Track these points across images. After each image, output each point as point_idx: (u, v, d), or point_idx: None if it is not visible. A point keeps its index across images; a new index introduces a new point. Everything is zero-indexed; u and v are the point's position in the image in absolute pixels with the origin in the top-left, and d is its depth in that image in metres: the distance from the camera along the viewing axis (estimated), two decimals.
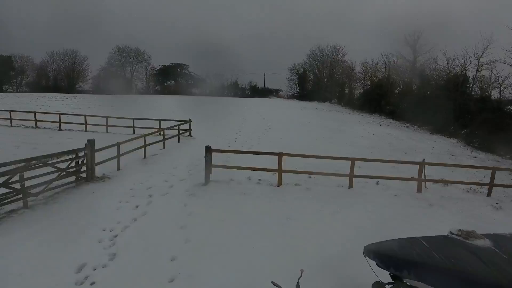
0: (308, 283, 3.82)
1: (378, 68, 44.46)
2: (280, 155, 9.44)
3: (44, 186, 8.15)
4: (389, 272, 3.65)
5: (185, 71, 73.86)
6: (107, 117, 18.82)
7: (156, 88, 72.96)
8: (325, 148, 13.05)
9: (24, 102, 35.27)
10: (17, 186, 7.51)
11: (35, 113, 20.21)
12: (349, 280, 4.48)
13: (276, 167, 9.57)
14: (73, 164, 9.20)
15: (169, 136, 15.66)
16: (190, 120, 18.44)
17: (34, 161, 7.87)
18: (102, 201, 8.23)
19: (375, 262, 3.66)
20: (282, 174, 9.52)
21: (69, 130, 19.36)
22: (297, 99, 59.08)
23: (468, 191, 10.05)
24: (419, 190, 9.46)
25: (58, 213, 7.51)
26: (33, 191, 7.85)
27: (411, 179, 9.60)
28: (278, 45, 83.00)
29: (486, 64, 26.43)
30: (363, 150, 15.48)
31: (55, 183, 8.51)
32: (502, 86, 24.31)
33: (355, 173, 9.55)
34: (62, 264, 5.41)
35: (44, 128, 19.77)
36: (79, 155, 9.36)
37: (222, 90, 71.07)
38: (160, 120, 18.19)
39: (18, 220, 7.18)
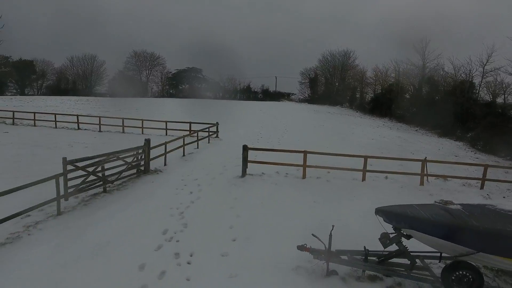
0: (335, 237, 5.71)
1: (388, 73, 46.01)
2: (305, 152, 11.33)
3: (117, 176, 10.22)
4: (392, 225, 5.49)
5: (199, 75, 76.03)
6: (142, 120, 21.00)
7: (171, 91, 75.56)
8: (339, 149, 14.81)
9: (54, 105, 37.93)
10: (99, 175, 9.59)
11: (77, 116, 22.53)
12: (362, 237, 6.28)
13: (300, 163, 11.47)
14: (134, 158, 11.26)
15: (201, 137, 17.69)
16: (217, 123, 20.46)
17: (111, 155, 9.93)
18: (161, 188, 10.25)
19: (382, 218, 5.51)
20: (306, 169, 11.40)
21: (107, 131, 21.58)
22: (308, 103, 60.76)
23: (464, 185, 11.74)
24: (421, 183, 11.20)
25: (130, 197, 9.54)
26: (110, 179, 9.92)
27: (415, 173, 11.35)
28: (289, 49, 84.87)
29: (491, 71, 27.93)
30: (374, 151, 17.08)
31: (124, 174, 10.57)
32: (506, 92, 25.76)
33: (367, 169, 11.36)
34: (150, 230, 7.38)
35: (85, 129, 22.05)
36: (139, 151, 11.41)
37: (235, 94, 73.42)
38: (190, 123, 20.24)
39: (102, 201, 9.23)
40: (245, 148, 11.44)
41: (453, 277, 4.94)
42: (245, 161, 11.42)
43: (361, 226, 6.98)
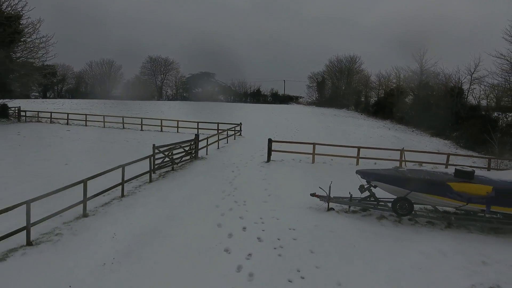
0: (333, 190, 9.68)
1: (390, 78, 49.80)
2: (314, 144, 15.36)
3: (179, 159, 14.36)
4: (365, 180, 9.45)
5: (212, 79, 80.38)
6: (177, 121, 25.21)
7: (184, 94, 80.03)
8: (341, 144, 18.78)
9: (86, 107, 42.55)
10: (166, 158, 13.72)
11: (123, 117, 26.87)
12: (348, 190, 10.19)
13: (310, 152, 15.47)
14: (188, 148, 15.38)
15: (229, 135, 21.81)
16: (241, 123, 24.58)
17: (176, 145, 14.07)
18: (211, 169, 14.33)
19: (360, 176, 9.48)
20: (315, 156, 15.40)
21: (147, 130, 25.82)
22: (316, 106, 64.64)
23: (432, 168, 15.57)
24: (400, 167, 15.09)
25: (192, 173, 13.64)
26: (176, 161, 14.07)
27: (396, 160, 15.25)
28: (297, 54, 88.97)
29: (477, 78, 31.82)
30: (369, 145, 21.07)
31: (183, 158, 14.70)
32: (488, 97, 29.52)
33: (360, 155, 15.30)
34: (214, 190, 11.42)
35: (129, 128, 26.32)
36: (192, 143, 15.52)
37: (245, 97, 77.64)
38: (218, 123, 24.34)
39: (173, 175, 13.33)
40: (270, 141, 15.50)
41: (397, 206, 8.90)
42: (269, 150, 15.48)
43: (348, 185, 10.88)
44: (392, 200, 9.20)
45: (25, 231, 7.14)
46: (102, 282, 5.90)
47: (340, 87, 66.71)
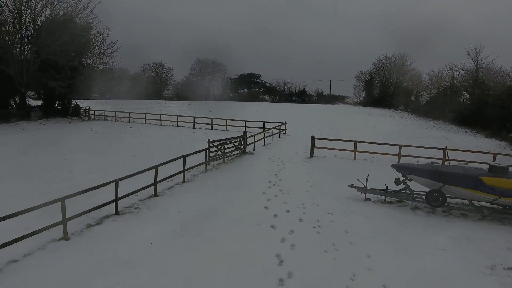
0: (370, 182, 10.52)
1: (443, 77, 47.67)
2: (355, 141, 16.10)
3: (230, 153, 15.97)
4: (401, 173, 10.17)
5: (257, 80, 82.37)
6: (226, 120, 27.10)
7: (231, 95, 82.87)
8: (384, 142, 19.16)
9: (143, 107, 46.42)
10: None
11: (177, 116, 29.47)
12: (386, 183, 10.90)
13: (352, 149, 16.23)
14: (238, 144, 16.93)
15: (274, 133, 23.14)
16: (285, 122, 25.80)
17: (227, 140, 15.69)
18: (258, 162, 15.76)
19: (395, 169, 10.22)
20: (356, 153, 16.14)
21: (199, 128, 28.03)
22: (363, 106, 63.45)
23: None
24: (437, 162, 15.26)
25: (241, 166, 15.15)
26: (227, 155, 15.69)
27: (439, 158, 15.42)
28: (343, 53, 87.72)
29: None
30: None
31: (233, 153, 16.30)
32: None
33: (404, 154, 15.72)
34: (261, 180, 12.77)
35: (182, 126, 28.78)
36: (241, 139, 17.07)
37: (290, 97, 78.43)
38: (264, 122, 25.78)
39: (225, 167, 14.93)
40: (313, 138, 16.54)
41: (430, 198, 9.54)
42: (312, 146, 16.52)
43: (386, 179, 11.56)
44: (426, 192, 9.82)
45: (113, 203, 9.06)
46: (174, 243, 7.50)
47: (389, 86, 64.76)
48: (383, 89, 65.31)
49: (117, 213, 9.07)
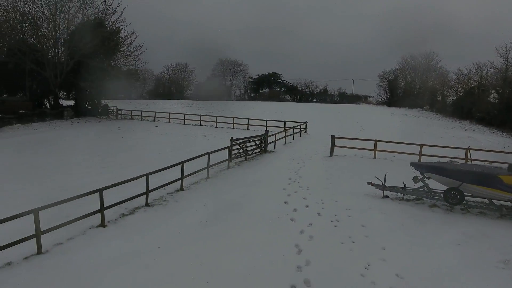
0: (388, 180, 10.75)
1: (471, 76, 46.24)
2: (375, 140, 16.24)
3: (251, 151, 16.52)
4: (419, 172, 10.36)
5: (279, 80, 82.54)
6: (248, 119, 27.71)
7: (252, 95, 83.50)
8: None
9: (167, 107, 47.80)
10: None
11: (200, 115, 30.38)
12: (402, 180, 11.07)
13: (372, 148, 16.38)
14: (259, 142, 17.46)
15: (295, 132, 23.52)
16: (306, 122, 26.11)
17: (249, 138, 16.25)
18: (279, 160, 16.22)
19: (414, 168, 10.41)
20: (376, 152, 16.28)
21: (221, 127, 28.80)
22: (386, 105, 62.35)
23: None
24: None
25: (262, 163, 15.67)
26: (249, 153, 16.25)
27: (461, 158, 15.31)
28: (367, 51, 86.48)
29: None
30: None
31: (255, 151, 16.85)
32: None
33: (425, 153, 15.72)
34: (281, 177, 13.18)
35: (205, 126, 29.64)
36: (262, 138, 17.59)
37: (312, 97, 78.14)
38: (285, 121, 26.19)
39: (247, 164, 15.48)
40: (333, 137, 16.82)
41: (448, 196, 9.68)
42: (332, 145, 16.80)
43: (405, 178, 11.72)
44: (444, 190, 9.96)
45: (145, 195, 9.81)
46: (201, 231, 8.12)
47: (414, 85, 63.26)
48: (407, 88, 63.87)
49: (147, 204, 9.82)
